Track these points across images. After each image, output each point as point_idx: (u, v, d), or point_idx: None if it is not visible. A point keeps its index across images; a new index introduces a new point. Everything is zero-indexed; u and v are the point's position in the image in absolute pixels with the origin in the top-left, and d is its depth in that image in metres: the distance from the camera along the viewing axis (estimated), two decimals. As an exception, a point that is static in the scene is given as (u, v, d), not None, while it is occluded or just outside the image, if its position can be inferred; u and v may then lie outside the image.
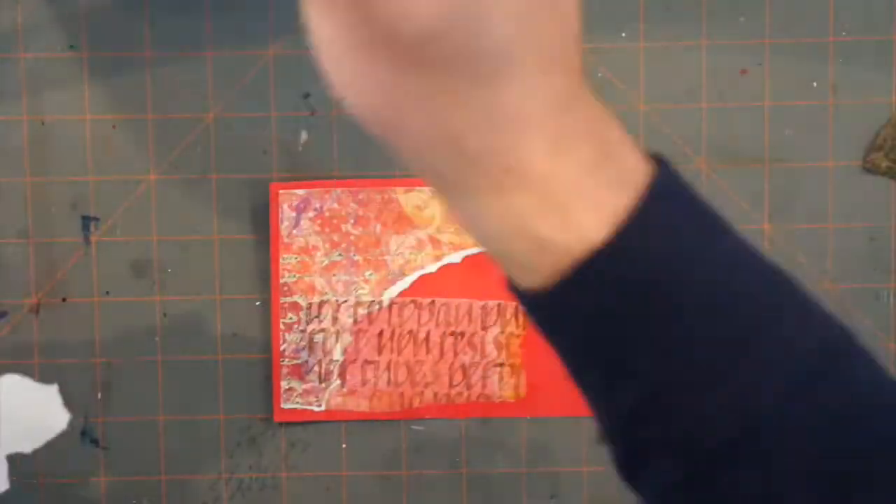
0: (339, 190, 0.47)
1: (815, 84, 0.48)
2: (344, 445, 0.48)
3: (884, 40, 0.47)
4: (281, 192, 0.47)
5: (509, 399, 0.47)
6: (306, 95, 0.48)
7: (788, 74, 0.48)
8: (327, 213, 0.47)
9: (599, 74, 0.48)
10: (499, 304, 0.47)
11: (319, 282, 0.47)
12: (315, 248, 0.47)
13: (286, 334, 0.47)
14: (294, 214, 0.47)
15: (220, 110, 0.48)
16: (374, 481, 0.48)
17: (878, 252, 0.48)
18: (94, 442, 0.49)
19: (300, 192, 0.47)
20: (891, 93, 0.48)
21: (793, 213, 0.48)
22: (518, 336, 0.47)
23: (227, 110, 0.48)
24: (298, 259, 0.47)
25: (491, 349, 0.47)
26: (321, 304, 0.47)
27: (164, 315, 0.48)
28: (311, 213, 0.47)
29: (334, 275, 0.47)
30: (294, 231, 0.47)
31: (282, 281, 0.47)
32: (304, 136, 0.48)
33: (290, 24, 0.48)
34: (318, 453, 0.48)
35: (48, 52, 0.47)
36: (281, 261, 0.47)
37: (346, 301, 0.47)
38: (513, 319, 0.47)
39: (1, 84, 0.48)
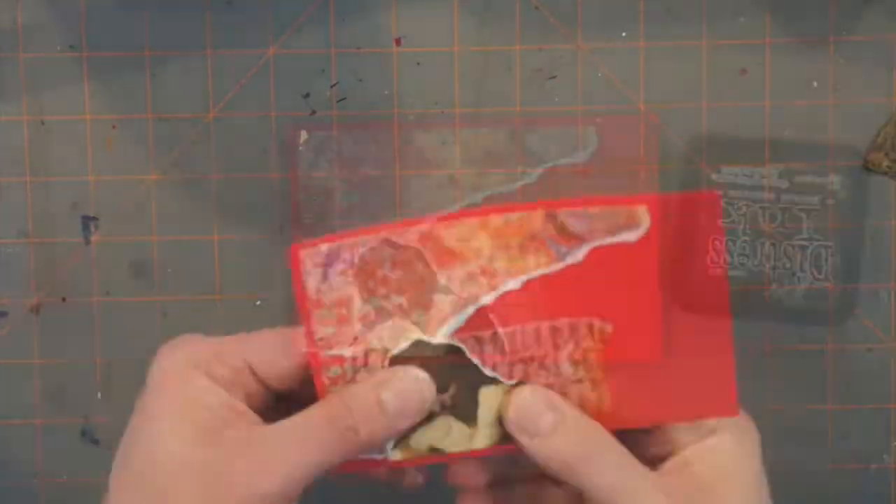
0: (369, 238, 0.41)
1: (815, 84, 0.48)
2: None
3: (884, 40, 0.48)
4: (302, 252, 0.41)
5: (593, 415, 0.42)
6: (306, 95, 0.48)
7: (788, 74, 0.48)
8: (358, 263, 0.42)
9: (599, 74, 0.48)
10: (570, 322, 0.43)
11: (361, 330, 0.42)
12: (350, 298, 0.42)
13: (331, 388, 0.42)
14: (320, 270, 0.42)
15: (219, 110, 0.48)
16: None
17: (878, 252, 0.48)
18: (95, 442, 0.49)
19: (324, 248, 0.41)
20: (891, 93, 0.48)
21: (793, 213, 0.48)
22: (595, 351, 0.43)
23: (227, 110, 0.48)
24: (334, 312, 0.42)
25: (566, 367, 0.43)
26: (367, 354, 0.42)
27: (164, 315, 0.48)
28: (340, 266, 0.42)
29: (377, 322, 0.42)
30: (322, 287, 0.42)
31: (318, 337, 0.42)
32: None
33: (289, 24, 0.48)
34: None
35: (48, 52, 0.47)
36: (316, 316, 0.42)
37: (394, 350, 0.42)
38: (588, 335, 0.43)
39: (1, 84, 0.48)
